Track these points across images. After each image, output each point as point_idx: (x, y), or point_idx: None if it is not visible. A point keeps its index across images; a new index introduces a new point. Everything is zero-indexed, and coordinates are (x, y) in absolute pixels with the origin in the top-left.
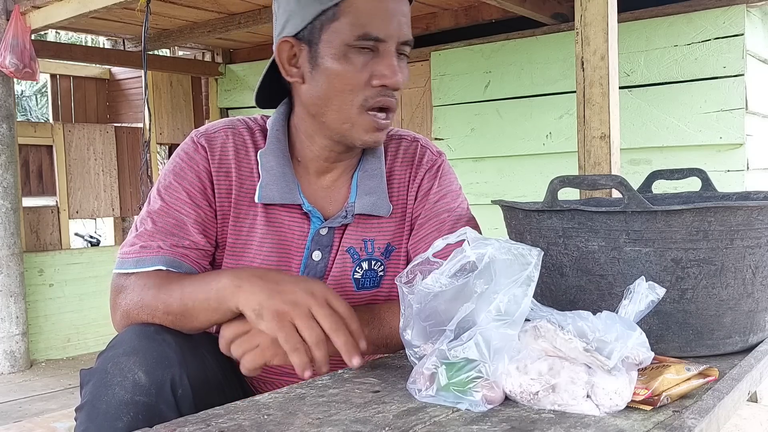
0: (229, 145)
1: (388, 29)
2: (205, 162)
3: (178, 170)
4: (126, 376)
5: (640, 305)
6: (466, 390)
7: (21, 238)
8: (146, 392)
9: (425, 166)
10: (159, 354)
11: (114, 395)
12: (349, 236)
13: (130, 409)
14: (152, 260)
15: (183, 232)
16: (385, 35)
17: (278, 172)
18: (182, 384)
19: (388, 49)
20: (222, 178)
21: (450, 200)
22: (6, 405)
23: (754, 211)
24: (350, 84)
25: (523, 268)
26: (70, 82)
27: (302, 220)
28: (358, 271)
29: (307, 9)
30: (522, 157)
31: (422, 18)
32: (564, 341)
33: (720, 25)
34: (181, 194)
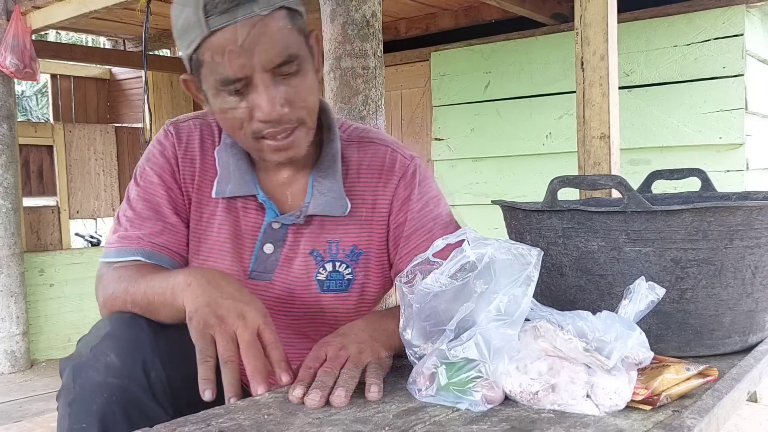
0: (196, 135)
1: (246, 67)
2: (172, 147)
3: (150, 156)
4: (98, 359)
5: (640, 305)
6: (466, 390)
7: (21, 238)
8: (118, 374)
9: (398, 172)
10: (131, 337)
11: (88, 378)
12: (313, 239)
13: (103, 391)
14: (131, 251)
15: (159, 215)
16: (245, 73)
17: (233, 166)
18: (155, 367)
19: (258, 82)
20: (187, 165)
21: (433, 207)
22: (6, 405)
23: (754, 211)
24: (233, 121)
25: (523, 268)
26: (71, 82)
27: (257, 212)
28: (321, 273)
29: (183, 53)
30: (522, 157)
31: (422, 18)
32: (564, 341)
33: (720, 26)
34: (154, 178)
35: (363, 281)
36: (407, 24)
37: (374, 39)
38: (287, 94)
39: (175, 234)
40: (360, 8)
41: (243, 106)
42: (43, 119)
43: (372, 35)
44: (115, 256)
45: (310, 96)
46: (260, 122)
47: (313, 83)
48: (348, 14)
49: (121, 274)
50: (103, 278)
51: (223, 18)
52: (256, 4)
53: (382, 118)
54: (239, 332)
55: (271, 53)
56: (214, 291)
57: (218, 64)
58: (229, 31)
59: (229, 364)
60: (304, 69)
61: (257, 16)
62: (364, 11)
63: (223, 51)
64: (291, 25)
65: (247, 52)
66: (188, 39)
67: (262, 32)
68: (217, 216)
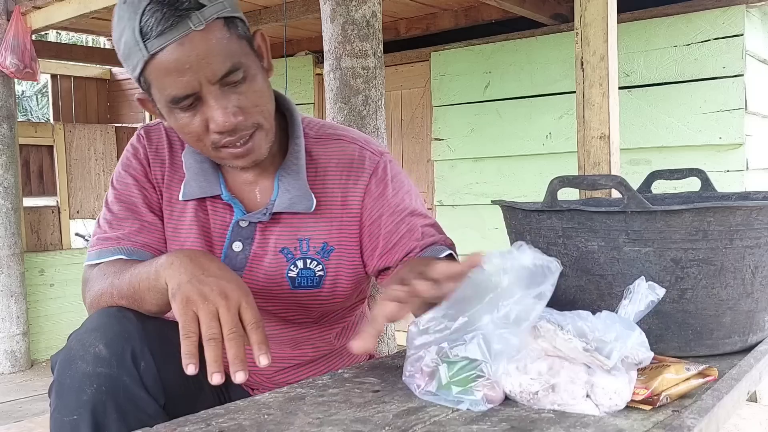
0: (165, 138)
1: (192, 83)
2: (144, 150)
3: (125, 160)
4: (87, 350)
5: (640, 305)
6: (467, 389)
7: (22, 238)
8: (107, 364)
9: (368, 169)
10: (119, 328)
11: (77, 369)
12: (283, 236)
13: (92, 381)
14: (112, 251)
15: (136, 214)
16: (192, 89)
17: (197, 168)
18: (144, 356)
19: (208, 95)
20: (158, 166)
21: (409, 201)
22: (7, 405)
23: (754, 211)
24: (190, 134)
25: (541, 281)
26: (71, 83)
27: (225, 211)
28: (292, 270)
29: (131, 75)
30: (522, 158)
31: (422, 18)
32: (563, 341)
33: (719, 26)
34: (128, 179)
35: (335, 277)
36: (407, 24)
37: (374, 39)
38: (239, 102)
39: (153, 232)
40: (360, 8)
41: (197, 120)
42: (44, 119)
43: (372, 35)
44: (96, 257)
45: (262, 99)
46: (216, 134)
47: (263, 86)
48: (348, 14)
49: (105, 271)
50: (89, 280)
51: (160, 40)
52: (191, 20)
53: (382, 118)
54: (221, 311)
55: (213, 66)
56: (197, 269)
57: (164, 84)
58: (168, 52)
59: (212, 342)
60: (251, 74)
61: (193, 32)
62: (364, 11)
63: (166, 71)
64: (229, 34)
65: (190, 69)
66: (132, 63)
67: (202, 47)
68: (186, 216)
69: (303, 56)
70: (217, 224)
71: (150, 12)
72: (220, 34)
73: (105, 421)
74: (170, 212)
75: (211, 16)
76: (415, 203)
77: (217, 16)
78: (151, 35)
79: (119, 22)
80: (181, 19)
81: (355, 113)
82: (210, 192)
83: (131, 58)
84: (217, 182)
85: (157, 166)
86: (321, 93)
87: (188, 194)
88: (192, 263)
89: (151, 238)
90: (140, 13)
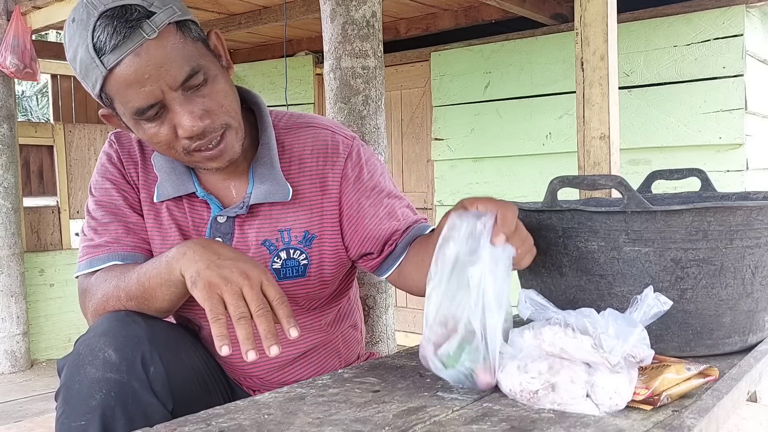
0: (135, 142)
1: (155, 92)
2: (117, 154)
3: (100, 167)
4: (96, 354)
5: (646, 315)
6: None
7: (22, 238)
8: (117, 369)
9: (343, 153)
10: (128, 332)
11: (86, 374)
12: (263, 229)
13: (102, 386)
14: (105, 258)
15: (120, 217)
16: (156, 98)
17: (169, 168)
18: (153, 361)
19: (172, 101)
20: (131, 168)
21: (384, 183)
22: (7, 405)
23: (754, 211)
24: (159, 143)
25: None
26: (71, 83)
27: (202, 208)
28: (276, 261)
29: (91, 92)
30: (522, 158)
31: (422, 18)
32: (570, 339)
33: (719, 26)
34: (107, 184)
35: (319, 264)
36: (407, 24)
37: (374, 39)
38: (204, 105)
39: (139, 232)
40: (360, 8)
41: (165, 129)
42: (44, 119)
43: (372, 35)
44: (87, 266)
45: (227, 99)
46: (186, 139)
47: (225, 86)
48: (348, 14)
49: (106, 276)
50: (88, 290)
51: (115, 54)
52: (143, 29)
53: (382, 118)
54: (245, 291)
55: (173, 72)
56: (212, 254)
57: (126, 98)
58: (126, 64)
59: (242, 320)
60: (212, 75)
61: (148, 41)
62: (364, 11)
63: (126, 84)
64: (184, 38)
65: (149, 78)
66: (91, 81)
67: (158, 55)
68: (163, 216)
69: (303, 56)
70: (196, 221)
71: (101, 27)
72: (174, 39)
73: (113, 426)
74: (148, 212)
75: (162, 23)
76: (390, 185)
77: (169, 21)
78: (105, 50)
79: (71, 41)
80: (133, 30)
81: (355, 113)
82: (185, 190)
83: (89, 75)
84: (190, 180)
85: (132, 168)
86: (321, 93)
87: (162, 195)
88: (205, 250)
89: (139, 239)
90: (91, 29)
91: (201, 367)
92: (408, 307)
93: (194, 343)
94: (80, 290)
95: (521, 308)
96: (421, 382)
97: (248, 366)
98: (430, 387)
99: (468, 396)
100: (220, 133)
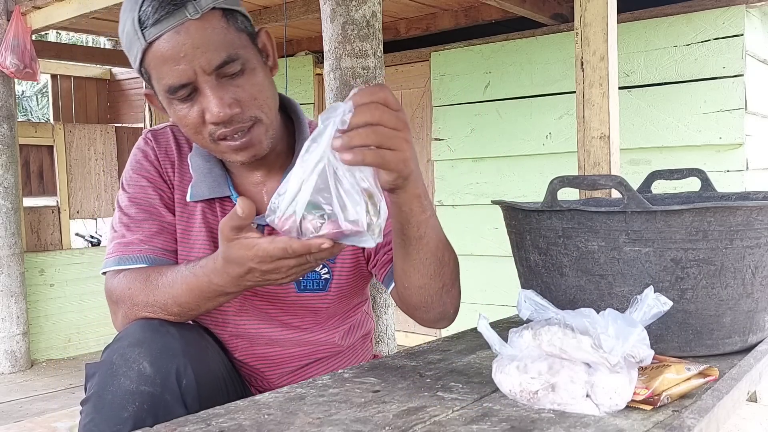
0: (172, 141)
1: (188, 72)
2: (153, 152)
3: (134, 163)
4: (131, 366)
5: (646, 316)
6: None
7: (22, 238)
8: (151, 382)
9: None
10: (163, 345)
11: (119, 385)
12: None
13: (135, 399)
14: (135, 258)
15: (154, 215)
16: (188, 78)
17: (206, 170)
18: (186, 374)
19: (204, 84)
20: (168, 168)
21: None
22: (7, 405)
23: (754, 211)
24: (187, 126)
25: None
26: (71, 83)
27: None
28: None
29: (134, 68)
30: (522, 158)
31: (422, 18)
32: (569, 339)
33: (719, 26)
34: (143, 182)
35: (339, 279)
36: (407, 24)
37: (374, 39)
38: (235, 94)
39: (171, 232)
40: (360, 8)
41: (194, 111)
42: (44, 119)
43: (372, 35)
44: (116, 264)
45: (262, 93)
46: (212, 124)
47: (263, 81)
48: (348, 14)
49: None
50: (118, 292)
51: (156, 28)
52: (187, 9)
53: None
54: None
55: (208, 55)
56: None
57: (161, 74)
58: (164, 40)
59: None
60: (250, 67)
61: (189, 20)
62: (364, 11)
63: (162, 60)
64: (227, 25)
65: (185, 57)
66: (133, 53)
67: (197, 36)
68: (196, 218)
69: (303, 56)
70: None
71: (149, 2)
72: (216, 24)
73: None
74: (180, 213)
75: (207, 6)
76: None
77: (214, 6)
78: (148, 24)
79: (123, 13)
80: (177, 8)
81: None
82: (219, 193)
83: (132, 48)
84: (225, 183)
85: (168, 168)
86: (321, 93)
87: (197, 195)
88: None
89: (170, 239)
90: (140, 3)
91: (224, 374)
92: None
93: (217, 349)
94: (108, 288)
95: (521, 308)
96: (421, 382)
97: (262, 368)
98: (431, 387)
99: (468, 396)
100: (248, 126)
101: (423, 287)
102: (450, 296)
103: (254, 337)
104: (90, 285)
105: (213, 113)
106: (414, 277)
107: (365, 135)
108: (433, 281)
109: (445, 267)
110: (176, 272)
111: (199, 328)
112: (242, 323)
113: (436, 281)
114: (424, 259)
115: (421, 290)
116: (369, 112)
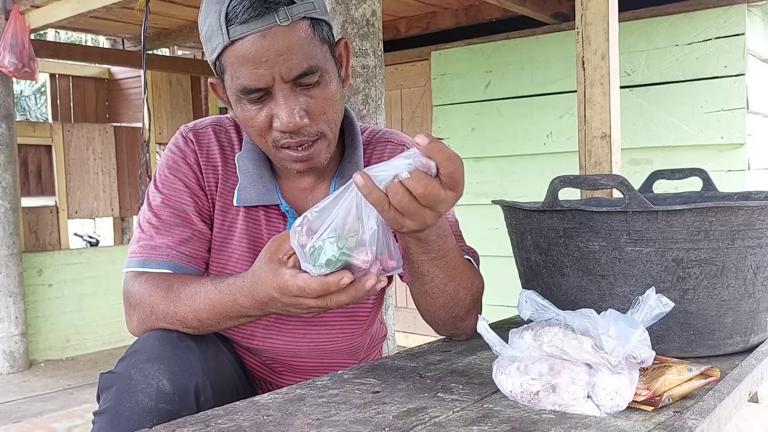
0: (215, 142)
1: (266, 77)
2: (194, 155)
3: (171, 163)
4: (150, 383)
5: (647, 317)
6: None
7: (20, 238)
8: (170, 400)
9: None
10: (183, 361)
11: (138, 402)
12: None
13: (153, 417)
14: (160, 263)
15: (186, 222)
16: (266, 83)
17: (255, 174)
18: (205, 391)
19: (278, 92)
20: (210, 172)
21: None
22: (5, 405)
23: (755, 211)
24: (253, 128)
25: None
26: (70, 82)
27: (279, 220)
28: None
29: (208, 58)
30: (522, 157)
31: (422, 18)
32: (570, 339)
33: (721, 25)
34: (178, 185)
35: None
36: (407, 23)
37: (374, 38)
38: (307, 106)
39: (202, 241)
40: (360, 7)
41: (263, 115)
42: (42, 119)
43: (372, 34)
44: (140, 265)
45: (332, 108)
46: (279, 132)
47: (335, 94)
48: (348, 13)
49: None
50: (137, 296)
51: (243, 27)
52: (277, 14)
53: (382, 118)
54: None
55: (290, 64)
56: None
57: (238, 73)
58: (249, 41)
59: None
60: (327, 80)
61: (278, 26)
62: (364, 10)
63: (243, 60)
64: (313, 35)
65: (266, 62)
66: (211, 46)
67: (283, 43)
68: (238, 223)
69: None
70: (271, 234)
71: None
72: (303, 33)
73: None
74: (222, 220)
75: (298, 14)
76: (452, 210)
77: (305, 15)
78: (235, 22)
79: (208, 3)
80: (268, 11)
81: (355, 112)
82: (268, 201)
83: (212, 40)
84: (274, 190)
85: (210, 172)
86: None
87: (244, 200)
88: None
89: (199, 248)
90: None
91: (237, 385)
92: (408, 308)
93: (231, 359)
94: (127, 289)
95: (521, 309)
96: (421, 383)
97: (276, 368)
98: (431, 388)
99: (469, 397)
100: (312, 140)
101: (432, 313)
102: (464, 324)
103: (279, 350)
104: (88, 285)
105: (282, 122)
106: (422, 301)
107: (405, 204)
108: (443, 311)
109: (459, 303)
110: (200, 285)
111: (216, 338)
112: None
113: (446, 312)
114: (431, 292)
115: (430, 314)
116: (427, 187)
